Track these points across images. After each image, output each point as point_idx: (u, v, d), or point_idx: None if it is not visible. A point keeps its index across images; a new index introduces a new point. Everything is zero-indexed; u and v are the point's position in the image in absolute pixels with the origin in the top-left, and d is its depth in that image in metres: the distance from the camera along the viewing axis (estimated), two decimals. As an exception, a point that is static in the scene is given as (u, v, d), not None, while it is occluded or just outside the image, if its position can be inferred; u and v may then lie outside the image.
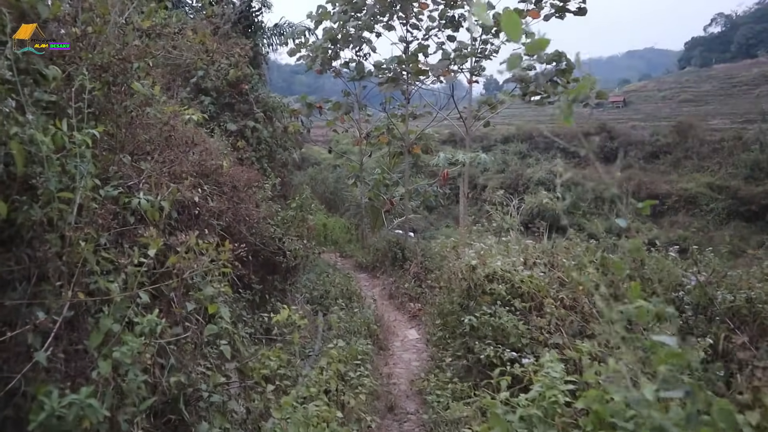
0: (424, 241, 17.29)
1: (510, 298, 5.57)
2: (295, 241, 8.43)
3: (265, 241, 7.94)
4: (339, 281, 12.19)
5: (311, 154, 56.16)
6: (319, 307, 10.79)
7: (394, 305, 12.23)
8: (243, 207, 7.31)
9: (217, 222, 6.51)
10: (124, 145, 4.71)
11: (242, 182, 7.54)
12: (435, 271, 12.19)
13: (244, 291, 7.48)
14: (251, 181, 7.84)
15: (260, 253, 7.85)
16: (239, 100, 13.05)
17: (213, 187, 6.95)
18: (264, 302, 7.95)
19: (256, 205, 7.84)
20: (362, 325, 8.54)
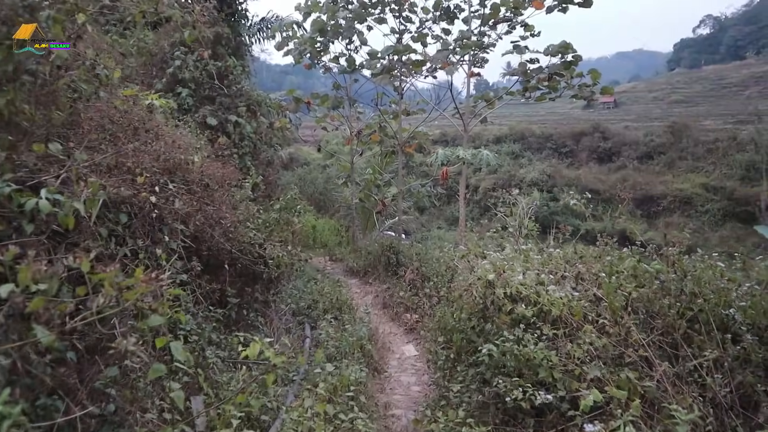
0: (419, 244, 16.27)
1: (535, 320, 4.62)
2: (278, 247, 7.43)
3: (243, 248, 6.95)
4: (328, 290, 11.17)
5: (300, 155, 55.26)
6: (306, 319, 9.80)
7: (389, 316, 11.24)
8: (216, 209, 6.31)
9: (182, 227, 5.52)
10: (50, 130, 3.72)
11: (217, 180, 6.54)
12: (433, 278, 11.22)
13: (217, 307, 6.49)
14: (228, 179, 6.84)
15: (237, 262, 6.85)
16: (220, 92, 12.04)
17: (181, 185, 5.96)
18: (241, 318, 6.95)
19: (232, 206, 6.85)
20: (355, 345, 7.53)
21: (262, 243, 7.29)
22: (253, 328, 7.33)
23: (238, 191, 7.34)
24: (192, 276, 5.92)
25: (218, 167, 6.76)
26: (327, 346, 7.46)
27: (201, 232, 6.11)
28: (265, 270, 7.12)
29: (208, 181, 6.36)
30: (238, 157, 11.70)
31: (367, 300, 12.43)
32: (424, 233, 41.04)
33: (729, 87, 75.94)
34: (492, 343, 4.63)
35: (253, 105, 12.59)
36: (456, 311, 6.30)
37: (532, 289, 4.85)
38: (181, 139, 6.27)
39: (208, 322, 5.88)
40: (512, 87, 15.49)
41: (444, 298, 9.79)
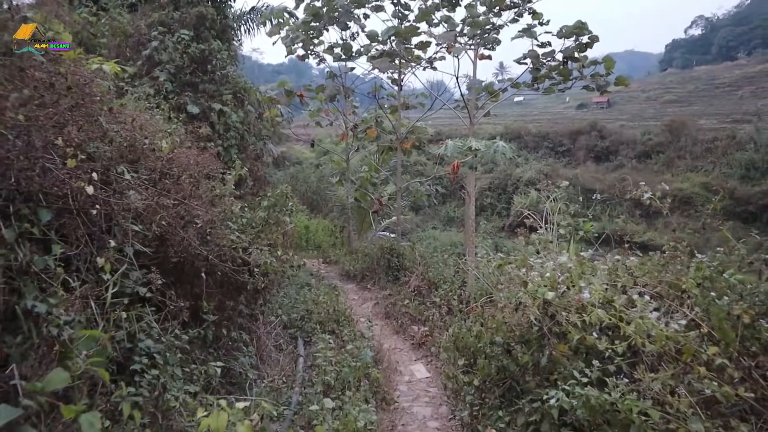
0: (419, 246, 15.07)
1: (613, 353, 3.45)
2: (265, 251, 6.21)
3: (223, 253, 5.75)
4: (324, 298, 9.94)
5: (293, 153, 54.12)
6: (299, 333, 8.59)
7: (393, 327, 9.96)
8: (189, 205, 5.13)
9: (142, 227, 4.33)
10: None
11: (190, 171, 5.35)
12: (442, 285, 10.05)
13: (192, 325, 5.31)
14: (206, 170, 5.65)
15: (216, 270, 5.65)
16: (204, 78, 10.83)
17: (143, 176, 4.78)
18: (220, 337, 5.75)
19: (210, 203, 5.65)
20: (359, 372, 6.29)
21: (247, 247, 6.09)
22: (235, 349, 6.13)
23: (218, 185, 6.13)
24: (157, 289, 4.76)
25: (193, 156, 5.57)
26: (325, 371, 6.22)
27: (170, 234, 4.92)
28: (250, 279, 5.91)
29: (179, 172, 5.17)
30: (223, 149, 10.52)
31: (366, 308, 11.22)
32: (419, 233, 39.95)
33: (721, 87, 76.20)
34: (560, 388, 3.46)
35: (240, 93, 11.40)
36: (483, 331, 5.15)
37: (612, 311, 3.69)
38: (144, 120, 5.08)
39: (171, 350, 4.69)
40: (518, 78, 14.31)
41: (457, 310, 8.64)
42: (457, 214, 49.86)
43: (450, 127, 52.19)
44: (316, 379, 6.11)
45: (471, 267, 8.89)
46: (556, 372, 3.71)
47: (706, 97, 73.92)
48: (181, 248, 5.18)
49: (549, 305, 3.92)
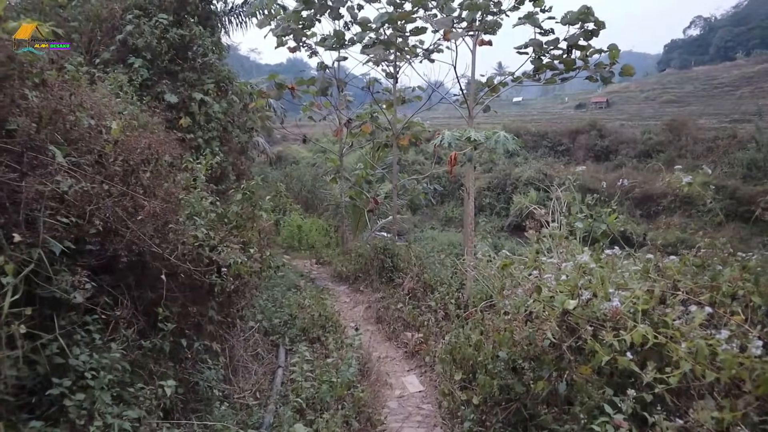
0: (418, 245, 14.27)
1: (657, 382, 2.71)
2: (236, 250, 5.48)
3: (188, 252, 5.04)
4: (309, 302, 9.22)
5: (289, 153, 53.58)
6: (281, 340, 7.85)
7: (385, 333, 9.19)
8: (139, 198, 4.42)
9: (76, 220, 3.63)
10: None
11: (145, 157, 4.64)
12: (438, 287, 9.30)
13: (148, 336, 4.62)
14: (164, 157, 4.94)
15: (179, 271, 4.94)
16: (184, 66, 10.12)
17: (84, 160, 4.08)
18: (179, 349, 5.01)
19: (171, 195, 4.93)
20: (340, 390, 5.50)
21: (216, 245, 5.37)
22: (203, 361, 5.40)
23: (183, 176, 5.42)
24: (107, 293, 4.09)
25: (153, 141, 4.85)
26: (301, 388, 5.44)
27: (115, 231, 4.22)
28: (218, 281, 5.18)
29: (132, 158, 4.46)
30: (203, 141, 9.82)
31: (357, 312, 10.47)
32: (417, 234, 39.30)
33: (720, 87, 75.97)
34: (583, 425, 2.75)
35: (224, 82, 10.69)
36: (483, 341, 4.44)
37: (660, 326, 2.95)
38: (87, 97, 4.37)
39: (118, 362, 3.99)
40: (518, 69, 13.58)
41: (455, 315, 7.92)
42: (455, 214, 49.17)
43: (448, 126, 51.49)
44: (292, 396, 5.36)
45: (470, 268, 8.16)
46: (578, 401, 3.01)
47: (704, 97, 73.65)
48: (133, 246, 4.47)
49: (569, 316, 3.21)
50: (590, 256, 3.50)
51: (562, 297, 3.18)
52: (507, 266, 4.22)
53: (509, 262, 4.17)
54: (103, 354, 3.81)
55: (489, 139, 8.37)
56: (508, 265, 4.19)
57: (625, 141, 56.13)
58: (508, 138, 8.29)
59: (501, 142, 8.21)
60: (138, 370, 4.47)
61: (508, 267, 4.20)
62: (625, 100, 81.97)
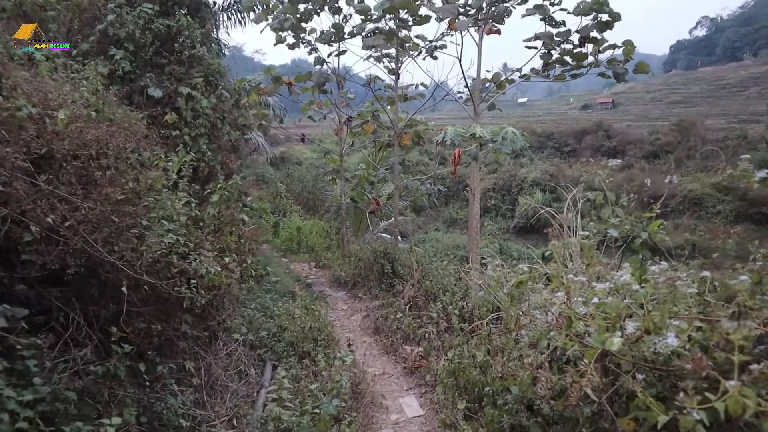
0: (418, 248, 13.57)
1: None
2: (211, 258, 4.82)
3: (155, 261, 4.40)
4: (300, 311, 8.39)
5: (292, 153, 53.09)
6: (268, 355, 7.18)
7: (382, 346, 8.51)
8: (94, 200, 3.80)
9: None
10: None
11: (95, 152, 4.01)
12: (441, 295, 8.59)
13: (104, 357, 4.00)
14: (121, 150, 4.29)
15: (141, 283, 4.30)
16: (171, 59, 9.48)
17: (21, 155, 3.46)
18: (135, 372, 4.35)
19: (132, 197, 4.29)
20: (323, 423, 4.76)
21: (187, 254, 4.72)
22: (170, 384, 4.74)
23: (152, 173, 4.77)
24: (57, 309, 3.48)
25: (102, 132, 4.21)
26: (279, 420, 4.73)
27: (66, 236, 3.60)
28: (188, 294, 4.52)
29: (80, 153, 3.83)
30: (190, 138, 9.17)
31: (355, 321, 9.78)
32: (421, 235, 38.69)
33: (727, 87, 75.80)
34: None
35: (213, 77, 10.03)
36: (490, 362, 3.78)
37: None
38: (27, 81, 3.74)
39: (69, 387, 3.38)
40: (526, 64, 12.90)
41: (458, 327, 7.25)
42: (460, 216, 48.55)
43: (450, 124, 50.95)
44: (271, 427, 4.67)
45: (475, 275, 7.49)
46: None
47: (711, 97, 73.28)
48: (83, 254, 3.84)
49: (610, 358, 2.51)
50: (632, 273, 2.82)
51: (600, 333, 2.48)
52: (523, 284, 3.50)
53: (524, 279, 3.47)
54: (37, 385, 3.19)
55: (496, 135, 7.70)
56: (524, 283, 3.49)
57: (632, 141, 55.44)
58: (516, 134, 7.64)
59: (509, 139, 7.55)
60: (87, 399, 3.84)
61: (524, 285, 3.50)
62: (631, 100, 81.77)
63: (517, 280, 3.37)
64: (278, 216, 22.75)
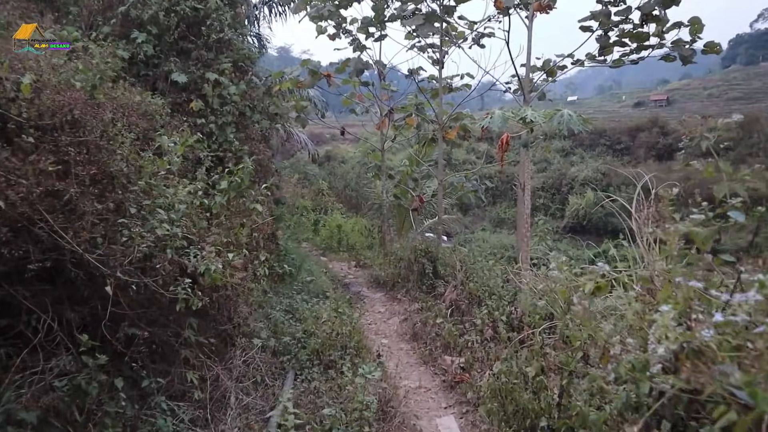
0: (463, 248, 12.66)
1: None
2: (213, 255, 4.11)
3: (146, 256, 3.74)
4: (329, 315, 7.32)
5: (338, 152, 52.77)
6: (292, 362, 6.45)
7: (420, 354, 7.52)
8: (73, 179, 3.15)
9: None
10: None
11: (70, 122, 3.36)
12: (487, 299, 7.70)
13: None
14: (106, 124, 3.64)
15: (129, 282, 3.63)
16: (197, 43, 8.92)
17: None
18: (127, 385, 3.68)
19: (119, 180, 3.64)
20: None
21: (186, 247, 4.03)
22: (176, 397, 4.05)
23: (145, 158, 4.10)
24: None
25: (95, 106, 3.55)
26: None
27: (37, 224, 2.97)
28: (182, 294, 3.82)
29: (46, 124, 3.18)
30: (216, 126, 8.58)
31: (391, 325, 8.99)
32: (467, 235, 37.68)
33: (792, 83, 71.95)
34: None
35: (243, 63, 9.43)
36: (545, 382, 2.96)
37: None
38: None
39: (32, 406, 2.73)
40: (578, 48, 11.87)
41: (506, 336, 6.37)
42: (508, 215, 47.30)
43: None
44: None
45: (525, 277, 6.58)
46: None
47: (774, 93, 69.72)
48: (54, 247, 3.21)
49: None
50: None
51: (752, 382, 1.62)
52: (602, 289, 2.61)
53: (604, 284, 2.58)
54: None
55: (549, 119, 6.80)
56: (604, 288, 2.60)
57: (690, 139, 53.01)
58: (572, 116, 6.71)
59: (565, 122, 6.64)
60: (54, 421, 3.19)
61: (604, 290, 2.61)
62: (686, 97, 78.76)
63: (595, 285, 2.50)
64: (319, 214, 22.20)
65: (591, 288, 2.53)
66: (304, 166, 32.51)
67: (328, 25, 14.26)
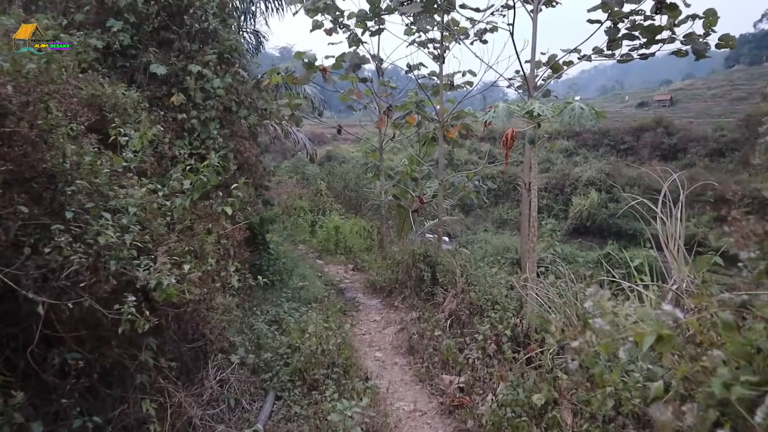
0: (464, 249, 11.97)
1: None
2: (168, 267, 3.48)
3: (86, 268, 3.14)
4: (315, 329, 6.48)
5: (339, 153, 52.28)
6: (273, 381, 5.85)
7: (416, 372, 6.79)
8: None
9: None
10: None
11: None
12: (490, 310, 7.07)
13: None
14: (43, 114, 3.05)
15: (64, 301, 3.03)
16: (180, 34, 8.32)
17: None
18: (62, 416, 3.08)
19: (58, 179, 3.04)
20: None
21: (135, 258, 3.42)
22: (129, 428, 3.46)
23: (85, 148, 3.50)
24: None
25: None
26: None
27: None
28: (128, 314, 3.21)
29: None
30: (198, 122, 7.98)
31: (387, 336, 8.35)
32: (469, 236, 37.06)
33: (797, 83, 71.12)
34: None
35: (229, 54, 8.83)
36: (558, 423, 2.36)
37: None
38: None
39: None
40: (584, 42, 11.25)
41: (511, 354, 5.75)
42: (510, 216, 46.65)
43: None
44: None
45: (532, 288, 5.93)
46: None
47: (778, 93, 69.00)
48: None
49: None
50: None
51: None
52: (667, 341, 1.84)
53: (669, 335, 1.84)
54: None
55: (559, 113, 6.18)
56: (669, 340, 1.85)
57: (695, 139, 52.32)
58: (584, 109, 6.08)
59: (577, 116, 6.02)
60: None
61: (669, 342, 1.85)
62: (690, 97, 78.02)
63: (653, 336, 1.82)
64: (317, 215, 21.61)
65: (651, 342, 1.88)
66: (304, 167, 31.95)
67: (325, 19, 13.71)
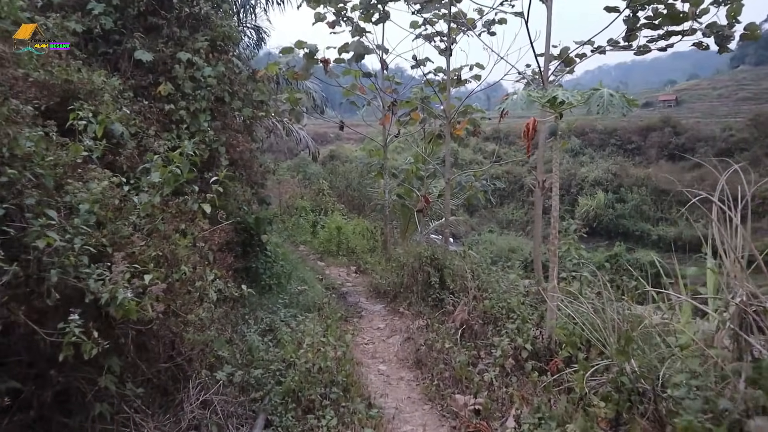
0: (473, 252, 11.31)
1: None
2: (125, 277, 2.85)
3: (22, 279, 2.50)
4: (311, 341, 5.77)
5: (342, 152, 51.68)
6: (265, 401, 5.20)
7: (424, 389, 6.06)
8: None
9: None
10: None
11: None
12: (506, 320, 6.38)
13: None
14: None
15: None
16: (168, 18, 7.69)
17: None
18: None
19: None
20: None
21: (85, 265, 2.79)
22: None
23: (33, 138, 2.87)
24: None
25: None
26: None
27: None
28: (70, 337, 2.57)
29: None
30: (187, 113, 7.34)
31: (392, 346, 7.68)
32: (474, 237, 36.44)
33: (805, 83, 70.50)
34: None
35: (222, 42, 8.19)
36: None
37: None
38: None
39: None
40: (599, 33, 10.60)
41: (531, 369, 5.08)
42: (515, 217, 46.01)
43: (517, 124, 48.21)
44: None
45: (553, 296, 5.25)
46: None
47: (785, 94, 68.32)
48: None
49: None
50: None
51: None
52: None
53: None
54: None
55: (586, 100, 5.52)
56: None
57: (703, 138, 51.61)
58: (615, 96, 5.43)
59: (606, 103, 5.37)
60: None
61: None
62: (695, 98, 77.51)
63: None
64: (318, 215, 20.98)
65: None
66: (306, 166, 31.35)
67: (327, 11, 13.14)
